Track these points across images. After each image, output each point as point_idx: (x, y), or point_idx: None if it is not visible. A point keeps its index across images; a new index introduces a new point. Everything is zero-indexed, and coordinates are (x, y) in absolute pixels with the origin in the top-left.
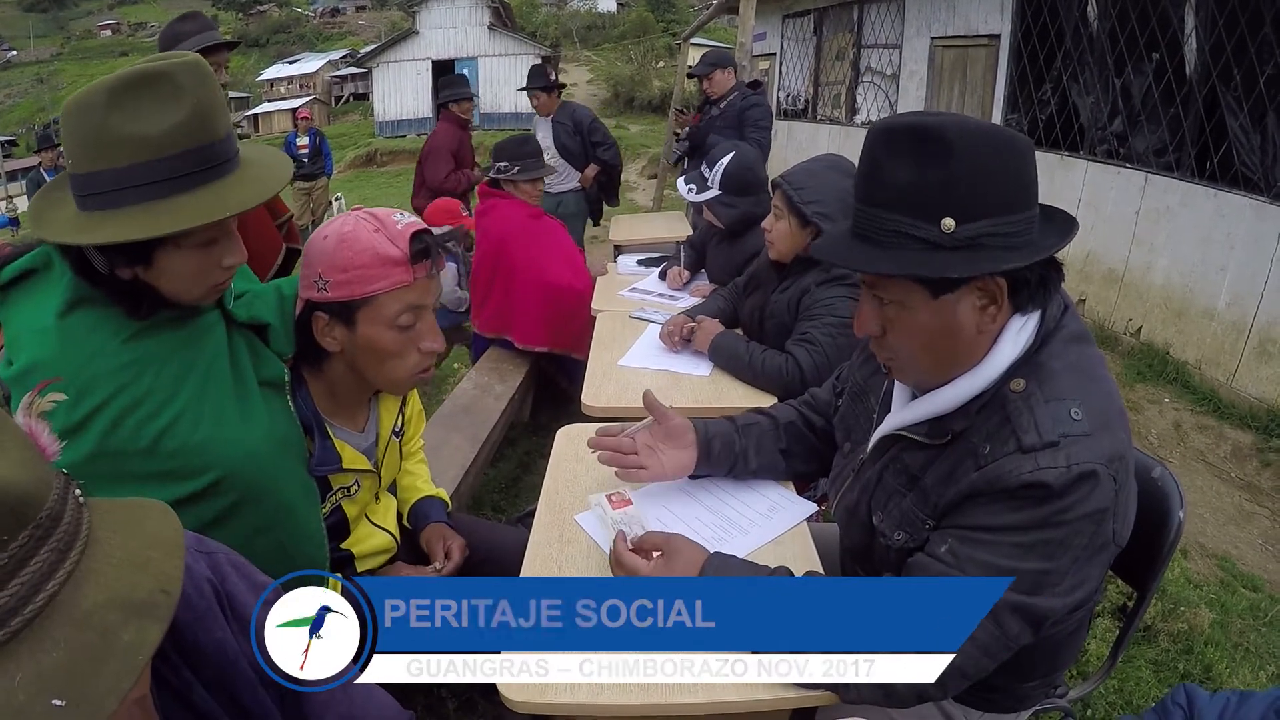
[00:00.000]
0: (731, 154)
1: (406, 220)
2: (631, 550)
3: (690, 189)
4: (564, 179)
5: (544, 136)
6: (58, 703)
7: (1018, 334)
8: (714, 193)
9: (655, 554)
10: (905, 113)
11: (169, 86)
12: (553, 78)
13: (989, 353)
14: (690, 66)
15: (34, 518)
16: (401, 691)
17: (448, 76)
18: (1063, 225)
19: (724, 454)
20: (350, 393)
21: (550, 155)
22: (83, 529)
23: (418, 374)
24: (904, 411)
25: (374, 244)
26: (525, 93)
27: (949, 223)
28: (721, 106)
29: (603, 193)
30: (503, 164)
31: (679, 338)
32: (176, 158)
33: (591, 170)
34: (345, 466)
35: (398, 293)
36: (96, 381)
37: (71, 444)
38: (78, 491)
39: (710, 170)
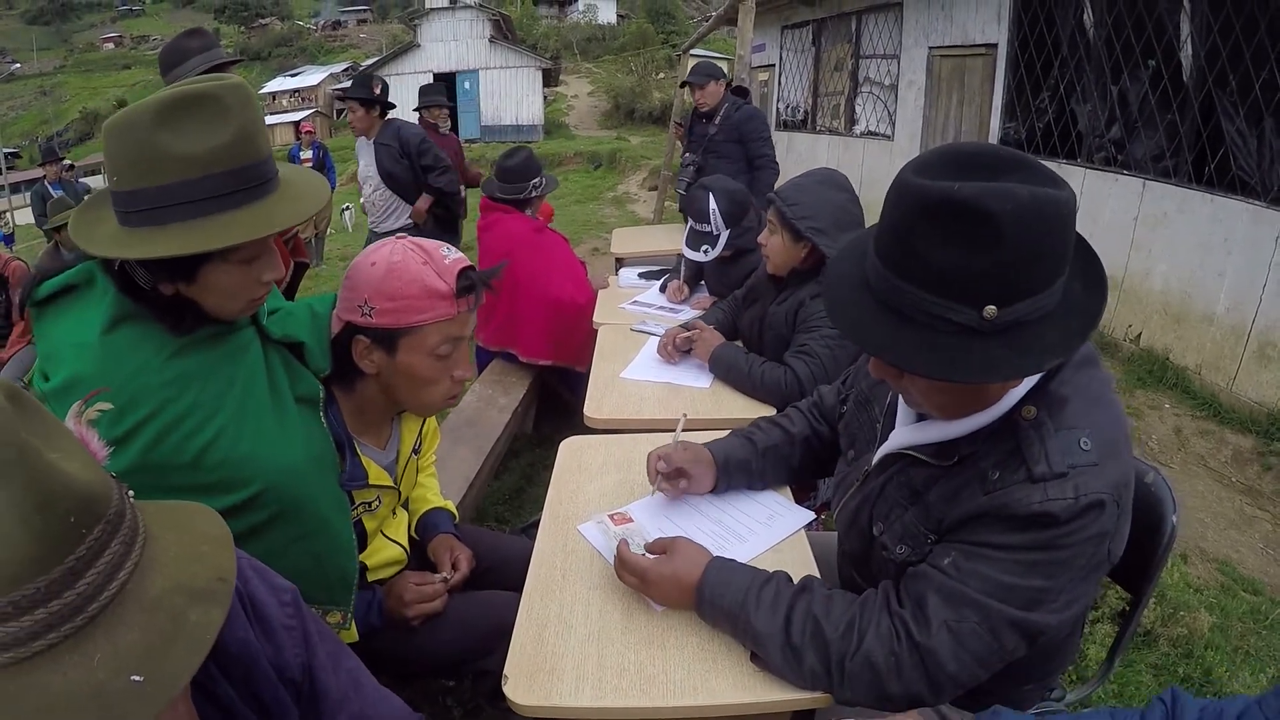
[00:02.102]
0: (711, 194)
1: (454, 256)
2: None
3: (704, 250)
4: (391, 214)
5: (365, 165)
6: (136, 679)
7: None
8: (725, 235)
9: (660, 554)
10: (940, 159)
11: (216, 107)
12: (378, 90)
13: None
14: (681, 83)
15: (105, 514)
16: (406, 697)
17: (424, 85)
18: (1085, 264)
19: (741, 476)
20: (378, 412)
21: (372, 186)
22: (140, 525)
23: (447, 399)
24: (910, 432)
25: (422, 276)
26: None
27: (991, 310)
28: (717, 121)
29: (441, 229)
30: (536, 180)
31: (672, 348)
32: (222, 176)
33: (424, 202)
34: (371, 482)
35: (441, 325)
36: (141, 397)
37: (114, 457)
38: (130, 493)
39: (704, 223)
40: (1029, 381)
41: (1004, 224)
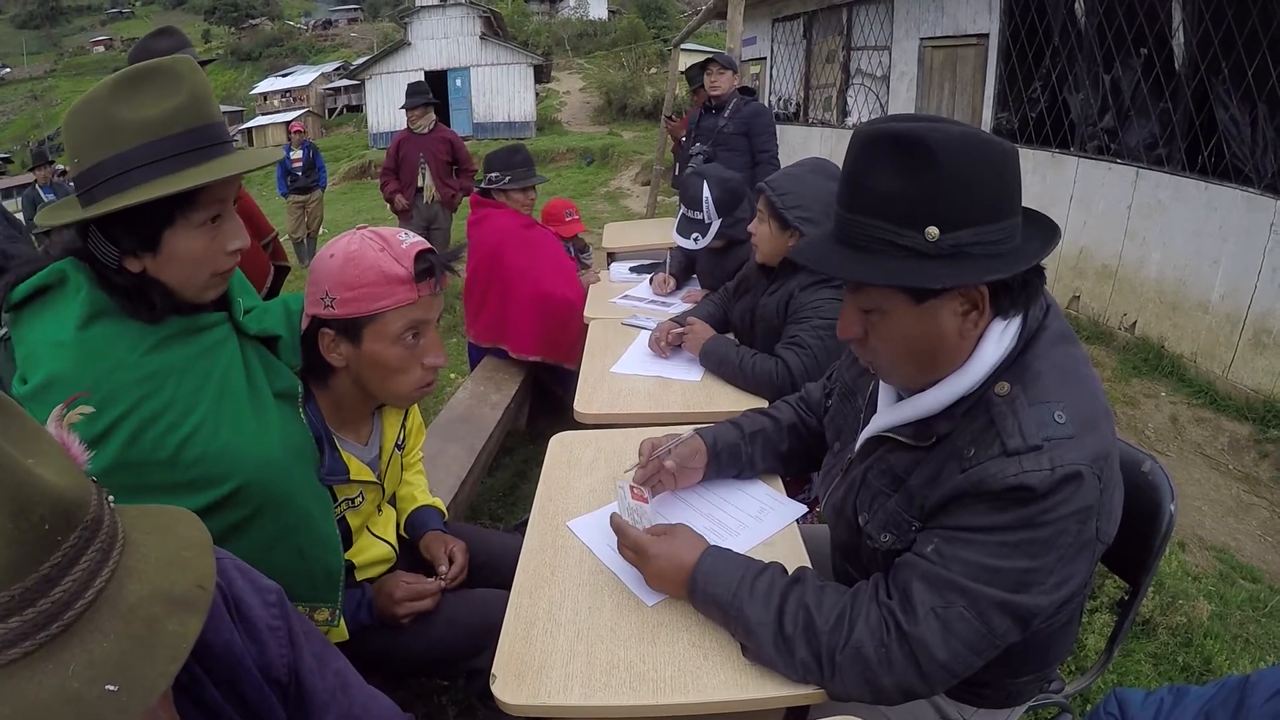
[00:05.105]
0: (705, 181)
1: (411, 240)
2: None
3: (695, 238)
4: None
5: None
6: (111, 688)
7: (1000, 337)
8: (717, 224)
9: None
10: (888, 117)
11: (167, 76)
12: None
13: (971, 356)
14: (686, 69)
15: (81, 520)
16: (401, 698)
17: (409, 84)
18: (1045, 232)
19: (731, 462)
20: (355, 407)
21: None
22: (119, 531)
23: (420, 388)
24: (889, 413)
25: (379, 263)
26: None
27: (933, 231)
28: (727, 114)
29: None
30: (494, 174)
31: (665, 344)
32: (179, 136)
33: None
34: (352, 477)
35: (402, 310)
36: (118, 393)
37: (92, 456)
38: (110, 498)
39: (696, 210)
40: (1000, 351)
41: (936, 149)
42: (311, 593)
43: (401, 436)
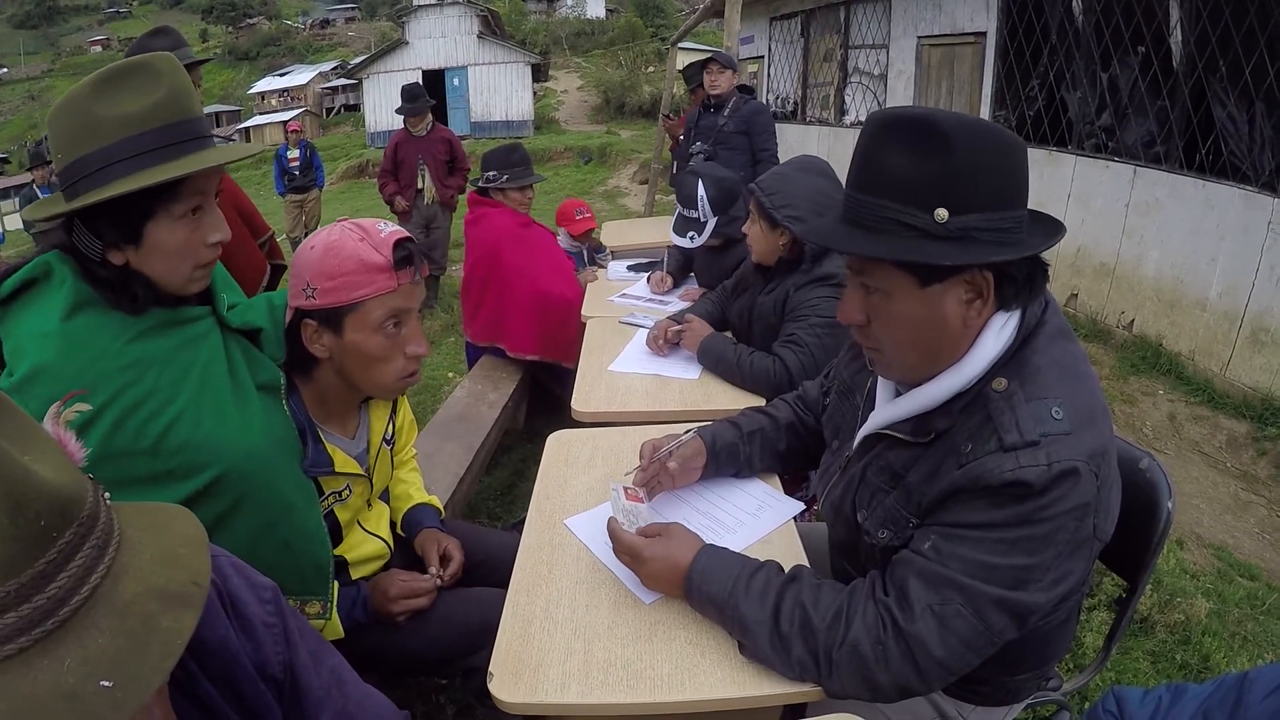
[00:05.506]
0: (700, 180)
1: (390, 229)
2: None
3: (690, 236)
4: None
5: None
6: (106, 684)
7: (1000, 331)
8: (713, 223)
9: (654, 536)
10: (903, 105)
11: (147, 73)
12: None
13: (970, 350)
14: (683, 68)
15: (77, 516)
16: (398, 696)
17: (404, 87)
18: (1050, 228)
19: (730, 461)
20: (340, 399)
21: None
22: (115, 528)
23: (404, 378)
24: (888, 409)
25: (359, 252)
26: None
27: (942, 213)
28: (726, 112)
29: None
30: (491, 173)
31: (663, 342)
32: (159, 130)
33: None
34: (337, 470)
35: (382, 298)
36: (100, 382)
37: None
38: (106, 495)
39: (692, 209)
40: (999, 345)
41: (952, 133)
42: (301, 586)
43: (390, 431)
